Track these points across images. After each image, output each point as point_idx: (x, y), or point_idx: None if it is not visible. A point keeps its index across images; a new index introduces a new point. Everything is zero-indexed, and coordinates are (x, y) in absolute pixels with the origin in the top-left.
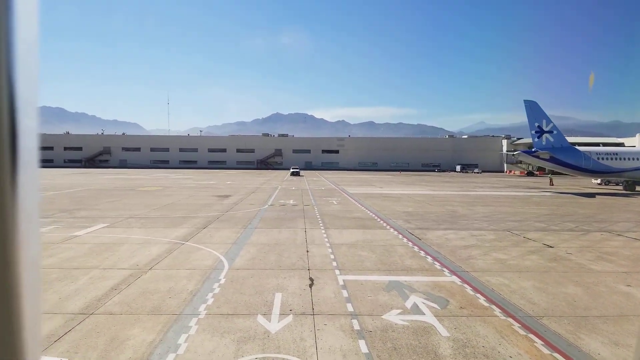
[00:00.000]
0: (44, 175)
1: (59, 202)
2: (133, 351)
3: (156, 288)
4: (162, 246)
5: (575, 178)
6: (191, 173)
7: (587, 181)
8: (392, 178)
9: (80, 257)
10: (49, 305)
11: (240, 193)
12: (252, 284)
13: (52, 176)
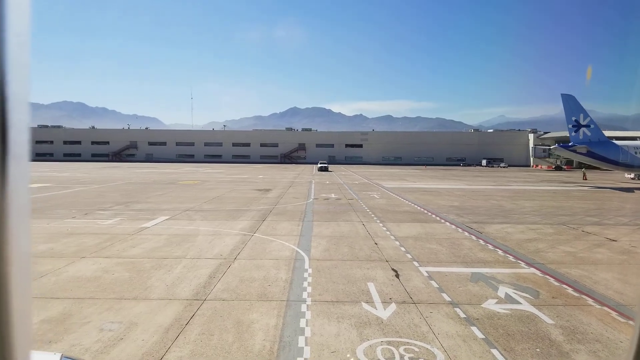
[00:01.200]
0: (77, 168)
1: (109, 195)
2: (264, 333)
3: (251, 276)
4: (234, 238)
5: (606, 172)
6: (219, 167)
7: (620, 176)
8: (421, 172)
9: (163, 247)
10: (160, 291)
11: (278, 187)
12: (340, 274)
13: (87, 169)
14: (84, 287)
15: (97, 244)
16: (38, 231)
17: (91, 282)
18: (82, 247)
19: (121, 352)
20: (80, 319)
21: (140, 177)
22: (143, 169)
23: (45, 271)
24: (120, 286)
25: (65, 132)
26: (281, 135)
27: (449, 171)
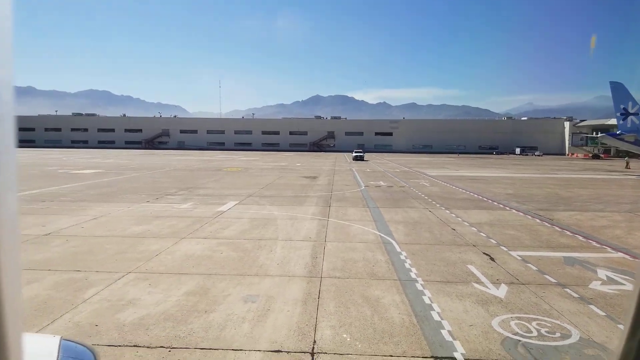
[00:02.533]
0: (117, 155)
1: (165, 181)
2: (396, 308)
3: (351, 257)
4: (312, 222)
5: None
6: (252, 155)
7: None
8: (456, 160)
9: (252, 230)
10: (275, 269)
11: (322, 175)
12: (435, 257)
13: (127, 156)
14: (202, 264)
15: (187, 226)
16: (124, 214)
17: (206, 260)
18: (175, 229)
19: (276, 321)
20: (219, 292)
21: (181, 164)
22: (179, 156)
23: (156, 250)
24: (235, 264)
25: (99, 120)
26: (310, 124)
27: (484, 159)
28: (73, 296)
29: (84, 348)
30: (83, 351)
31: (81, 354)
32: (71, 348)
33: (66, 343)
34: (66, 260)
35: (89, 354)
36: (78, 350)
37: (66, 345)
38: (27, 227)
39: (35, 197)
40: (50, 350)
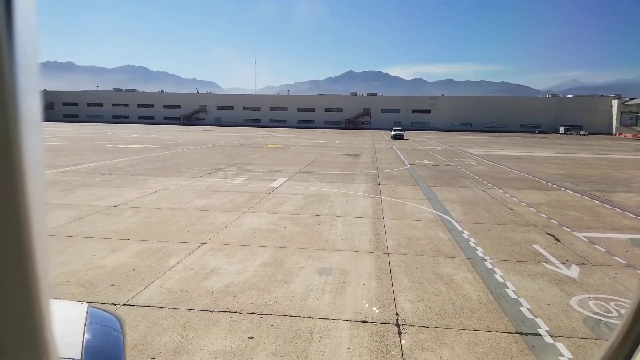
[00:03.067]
0: (159, 131)
1: (213, 157)
2: (470, 285)
3: (413, 235)
4: (365, 199)
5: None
6: (288, 132)
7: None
8: (499, 139)
9: (308, 206)
10: (340, 244)
11: (364, 153)
12: (499, 236)
13: (168, 132)
14: (270, 237)
15: (246, 200)
16: (183, 188)
17: (272, 233)
18: (236, 203)
19: (355, 293)
20: (293, 264)
21: (222, 140)
22: (217, 132)
23: (224, 223)
24: (301, 238)
25: (139, 95)
26: (346, 100)
27: (527, 138)
28: (158, 264)
29: (110, 315)
30: (110, 318)
31: (108, 320)
32: (98, 315)
33: (93, 310)
34: (141, 230)
35: (115, 321)
36: (105, 317)
37: (93, 312)
38: (96, 199)
39: (94, 170)
40: (79, 317)
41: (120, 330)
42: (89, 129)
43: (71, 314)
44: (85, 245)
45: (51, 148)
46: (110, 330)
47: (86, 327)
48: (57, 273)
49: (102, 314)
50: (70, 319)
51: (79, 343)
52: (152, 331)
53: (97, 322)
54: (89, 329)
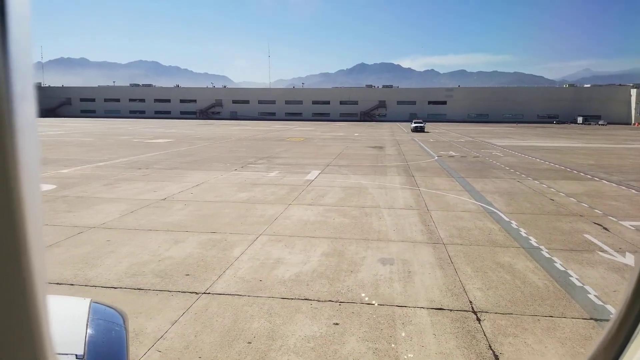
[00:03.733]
0: (177, 125)
1: (240, 151)
2: (533, 274)
3: (464, 226)
4: (404, 191)
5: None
6: (306, 125)
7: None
8: (518, 130)
9: (349, 198)
10: (394, 235)
11: (387, 145)
12: (547, 226)
13: (188, 127)
14: (322, 229)
15: (286, 193)
16: (222, 181)
17: (323, 225)
18: (277, 196)
19: (423, 282)
20: (353, 254)
21: (242, 134)
22: (235, 126)
23: (273, 215)
24: (353, 229)
25: (155, 90)
26: (361, 93)
27: (547, 129)
28: (224, 255)
29: (113, 310)
30: (112, 313)
31: (110, 316)
32: (101, 310)
33: (96, 305)
34: (196, 222)
35: (118, 316)
36: (107, 312)
37: (96, 308)
38: (140, 192)
39: (129, 165)
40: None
41: (123, 325)
42: (109, 125)
43: (74, 309)
44: (146, 238)
45: (79, 144)
46: (113, 325)
47: (89, 322)
48: (129, 264)
49: (105, 309)
50: (73, 315)
51: (82, 339)
52: (240, 318)
53: (100, 318)
54: (91, 325)
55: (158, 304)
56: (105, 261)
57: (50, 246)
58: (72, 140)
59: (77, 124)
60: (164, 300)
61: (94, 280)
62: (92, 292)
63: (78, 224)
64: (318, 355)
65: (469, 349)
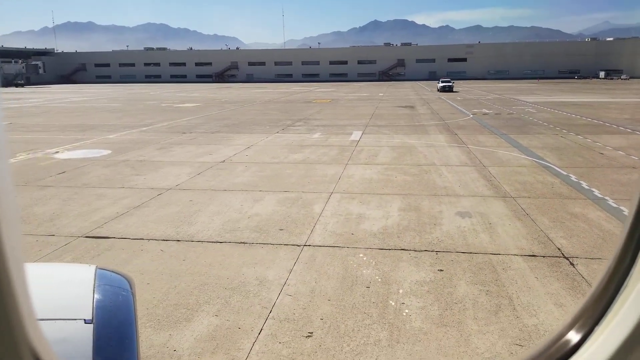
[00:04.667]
0: (197, 89)
1: (271, 114)
2: (607, 222)
3: (525, 180)
4: (453, 149)
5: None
6: (323, 86)
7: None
8: (542, 86)
9: (401, 157)
10: (462, 190)
11: (417, 104)
12: (605, 179)
13: (208, 90)
14: (388, 186)
15: (338, 153)
16: (270, 144)
17: (387, 182)
18: (330, 156)
19: (506, 233)
20: (429, 209)
21: (265, 97)
22: (255, 89)
23: (335, 174)
24: (418, 186)
25: (170, 54)
26: (379, 51)
27: (570, 84)
28: (306, 211)
29: (119, 276)
30: (119, 279)
31: (117, 281)
32: (107, 276)
33: (101, 272)
34: (265, 182)
35: (124, 281)
36: (113, 277)
37: (102, 274)
38: (197, 155)
39: (171, 129)
40: (87, 279)
41: (129, 290)
42: (128, 90)
43: (80, 275)
44: (226, 197)
45: (110, 109)
46: (119, 290)
47: (95, 288)
48: (222, 221)
49: (111, 275)
50: (79, 281)
51: (89, 304)
52: (349, 266)
53: (107, 283)
54: (98, 290)
55: (267, 255)
56: (197, 219)
57: (139, 207)
58: (101, 106)
59: (96, 90)
60: (271, 252)
61: (197, 236)
62: (201, 246)
63: (153, 186)
64: (436, 298)
65: (574, 289)
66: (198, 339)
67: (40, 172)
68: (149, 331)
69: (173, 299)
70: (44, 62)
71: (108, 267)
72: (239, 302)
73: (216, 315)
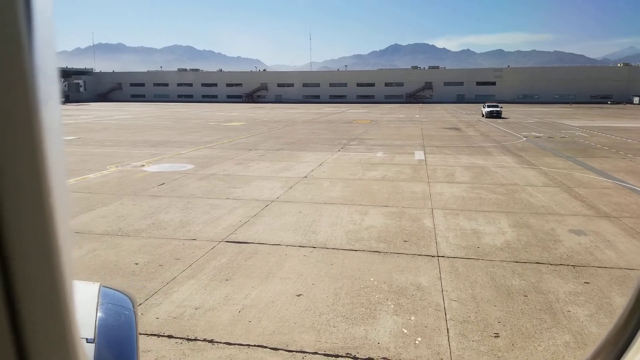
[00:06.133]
0: (233, 109)
1: (320, 133)
2: None
3: (621, 201)
4: (527, 170)
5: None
6: (353, 107)
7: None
8: (577, 110)
9: (479, 176)
10: (561, 210)
11: (460, 126)
12: None
13: (244, 110)
14: (485, 204)
15: (414, 172)
16: (341, 161)
17: (481, 200)
18: (407, 174)
19: (629, 252)
20: (540, 226)
21: (303, 117)
22: (288, 109)
23: (421, 191)
24: (513, 204)
25: (202, 75)
26: (406, 74)
27: (606, 109)
28: (418, 225)
29: (122, 294)
30: (122, 297)
31: (120, 300)
32: (110, 294)
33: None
34: (359, 197)
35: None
36: (117, 296)
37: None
38: (277, 171)
39: (236, 146)
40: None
41: (132, 309)
42: (167, 109)
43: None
44: (332, 210)
45: (163, 127)
46: (122, 309)
47: (99, 306)
48: (343, 231)
49: (114, 293)
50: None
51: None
52: (496, 276)
53: (110, 302)
54: (101, 308)
55: (408, 263)
56: (318, 228)
57: (256, 216)
58: (152, 123)
59: (135, 108)
60: (410, 261)
61: (328, 243)
62: (339, 253)
63: (255, 197)
64: (598, 306)
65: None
66: (393, 334)
67: (140, 183)
68: (343, 325)
69: (344, 298)
70: (84, 81)
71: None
72: (410, 303)
73: (396, 314)
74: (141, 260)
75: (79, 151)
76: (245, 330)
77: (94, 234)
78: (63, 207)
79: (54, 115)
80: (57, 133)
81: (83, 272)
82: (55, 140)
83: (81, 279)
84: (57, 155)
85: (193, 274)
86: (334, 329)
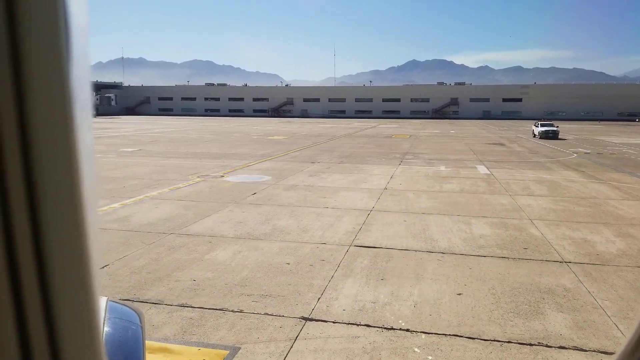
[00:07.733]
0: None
1: (367, 147)
2: None
3: None
4: (598, 184)
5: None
6: (382, 122)
7: None
8: (608, 127)
9: (555, 189)
10: None
11: (505, 142)
12: None
13: (274, 124)
14: (577, 216)
15: (488, 184)
16: (409, 174)
17: (570, 212)
18: (483, 187)
19: None
20: None
21: (339, 132)
22: (319, 124)
23: (510, 203)
24: (605, 216)
25: (229, 89)
26: (432, 90)
27: (634, 127)
28: (527, 234)
29: (129, 309)
30: (129, 312)
31: (127, 314)
32: (117, 309)
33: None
34: (452, 208)
35: (134, 315)
36: (124, 311)
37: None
38: (353, 182)
39: (295, 159)
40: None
41: (139, 325)
42: (199, 122)
43: None
44: (433, 219)
45: (210, 140)
46: (129, 324)
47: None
48: (459, 238)
49: (121, 308)
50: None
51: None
52: (636, 283)
53: (117, 316)
54: (108, 323)
55: (542, 268)
56: (433, 236)
57: (365, 224)
58: (196, 137)
59: (167, 122)
60: (543, 266)
61: (454, 249)
62: (471, 258)
63: (352, 207)
64: None
65: None
66: (569, 327)
67: (233, 192)
68: (518, 320)
69: (502, 297)
70: (116, 95)
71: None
72: (567, 302)
73: (561, 312)
74: (290, 260)
75: (149, 162)
76: (431, 322)
77: (227, 237)
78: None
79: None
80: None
81: (243, 271)
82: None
83: (209, 281)
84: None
85: (346, 273)
86: (512, 322)
